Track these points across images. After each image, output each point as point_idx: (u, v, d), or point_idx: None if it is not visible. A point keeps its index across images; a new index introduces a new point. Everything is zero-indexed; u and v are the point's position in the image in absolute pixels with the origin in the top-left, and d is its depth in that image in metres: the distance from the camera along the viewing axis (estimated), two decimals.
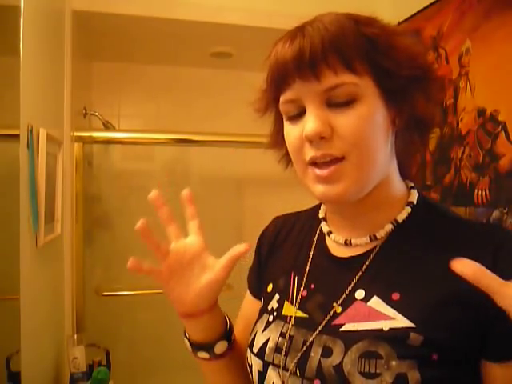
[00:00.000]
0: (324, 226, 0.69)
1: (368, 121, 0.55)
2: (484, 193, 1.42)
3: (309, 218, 0.74)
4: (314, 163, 0.57)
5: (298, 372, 0.58)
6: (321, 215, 0.71)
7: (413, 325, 0.53)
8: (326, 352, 0.57)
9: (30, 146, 1.09)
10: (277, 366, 0.60)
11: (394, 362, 0.51)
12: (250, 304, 0.78)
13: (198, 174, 2.36)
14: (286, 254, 0.72)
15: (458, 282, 0.43)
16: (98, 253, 2.14)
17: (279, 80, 0.58)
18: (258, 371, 0.62)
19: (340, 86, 0.55)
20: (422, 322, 0.53)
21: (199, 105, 2.31)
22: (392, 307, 0.55)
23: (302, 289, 0.65)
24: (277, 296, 0.68)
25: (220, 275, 0.64)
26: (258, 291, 0.77)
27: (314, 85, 0.55)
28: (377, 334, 0.54)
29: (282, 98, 0.60)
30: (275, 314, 0.66)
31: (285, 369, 0.59)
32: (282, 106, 0.60)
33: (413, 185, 0.66)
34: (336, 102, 0.55)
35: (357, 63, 0.55)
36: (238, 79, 2.40)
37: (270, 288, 0.71)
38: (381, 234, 0.61)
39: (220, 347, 0.69)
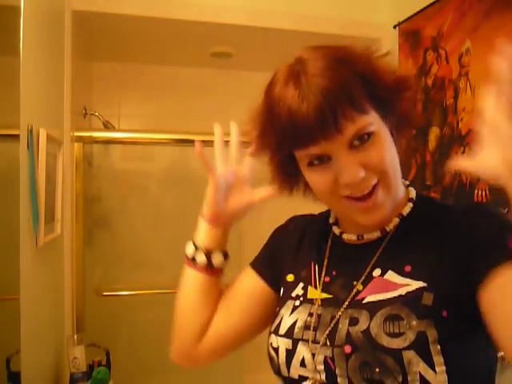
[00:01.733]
0: (336, 230, 0.75)
1: (386, 147, 0.63)
2: (484, 193, 1.42)
3: (323, 221, 0.79)
4: (350, 197, 0.63)
5: (328, 342, 0.63)
6: (331, 221, 0.77)
7: (424, 284, 0.61)
8: (353, 321, 0.63)
9: (29, 146, 1.09)
10: (306, 341, 0.66)
11: (414, 322, 0.58)
12: (249, 277, 0.82)
13: (198, 174, 2.35)
14: (306, 251, 0.78)
15: (453, 251, 0.61)
16: (97, 253, 2.13)
17: (299, 141, 0.62)
18: (287, 350, 0.67)
19: (360, 130, 0.60)
20: (431, 281, 0.61)
21: (199, 105, 2.32)
22: (406, 277, 0.63)
23: (324, 275, 0.71)
24: (301, 284, 0.73)
25: (255, 201, 0.78)
26: (265, 272, 0.80)
27: (339, 138, 0.60)
28: (397, 300, 0.61)
29: (302, 153, 0.63)
30: (301, 298, 0.71)
31: (315, 342, 0.65)
32: (302, 159, 0.65)
33: (408, 183, 0.74)
34: (362, 142, 0.61)
35: (364, 104, 0.60)
36: (238, 79, 2.40)
37: (291, 278, 0.76)
38: (390, 226, 0.68)
39: (217, 258, 0.78)
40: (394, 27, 1.82)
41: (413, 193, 0.72)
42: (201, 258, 0.77)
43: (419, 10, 1.71)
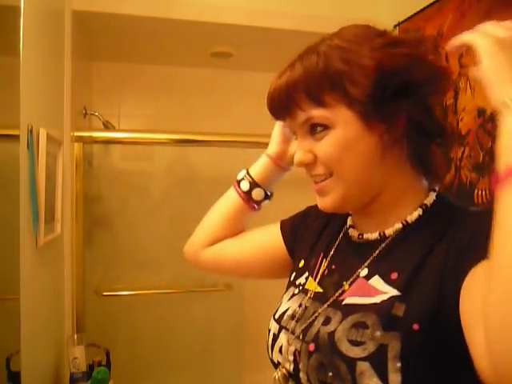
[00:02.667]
0: (349, 220, 0.76)
1: (343, 145, 0.62)
2: (484, 193, 1.42)
3: (344, 214, 0.78)
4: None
5: (301, 336, 0.65)
6: (350, 212, 0.78)
7: (398, 293, 0.58)
8: (326, 321, 0.63)
9: (30, 146, 1.09)
10: (288, 330, 0.68)
11: (378, 333, 0.56)
12: (274, 231, 0.87)
13: (198, 174, 2.36)
14: (321, 241, 0.79)
15: (439, 265, 0.56)
16: (97, 253, 2.14)
17: (273, 113, 0.70)
18: (274, 334, 0.71)
19: (310, 119, 0.63)
20: (408, 292, 0.58)
21: (199, 105, 2.32)
22: (390, 285, 0.60)
23: (325, 269, 0.72)
24: (306, 273, 0.75)
25: None
26: (288, 238, 0.85)
27: (292, 121, 0.66)
28: (370, 307, 0.59)
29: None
30: (300, 287, 0.74)
31: (293, 333, 0.67)
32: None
33: (436, 188, 0.68)
34: (314, 132, 0.64)
35: (325, 97, 0.61)
36: (238, 79, 2.40)
37: (301, 264, 0.78)
38: (389, 231, 0.66)
39: (258, 193, 0.86)
40: (394, 27, 1.82)
41: (430, 199, 0.66)
42: (245, 185, 0.86)
43: (419, 10, 1.71)
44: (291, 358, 0.65)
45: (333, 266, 0.71)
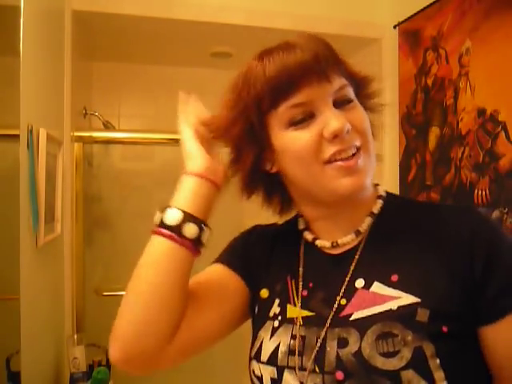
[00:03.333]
0: (308, 235, 0.70)
1: (365, 115, 0.64)
2: (484, 193, 1.42)
3: (291, 230, 0.74)
4: (333, 160, 0.60)
5: (316, 369, 0.58)
6: (301, 227, 0.72)
7: (418, 299, 0.56)
8: (342, 343, 0.57)
9: (30, 146, 1.09)
10: (293, 369, 0.60)
11: (409, 337, 0.54)
12: (218, 271, 0.72)
13: None
14: (278, 263, 0.72)
15: (444, 256, 0.57)
16: (98, 253, 2.13)
17: (285, 87, 0.60)
18: (272, 379, 0.61)
19: (344, 87, 0.62)
20: (425, 296, 0.56)
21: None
22: (394, 288, 0.58)
23: (301, 289, 0.66)
24: (277, 300, 0.68)
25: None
26: (236, 265, 0.72)
27: (327, 87, 0.60)
28: (387, 315, 0.56)
29: (285, 105, 0.60)
30: (280, 318, 0.65)
31: (302, 369, 0.59)
32: (285, 113, 0.61)
33: (376, 183, 0.70)
34: (341, 102, 0.62)
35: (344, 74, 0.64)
36: None
37: (265, 294, 0.70)
38: (363, 227, 0.65)
39: (190, 229, 0.61)
40: (394, 27, 1.82)
41: (381, 190, 0.69)
42: (191, 229, 0.61)
43: (419, 10, 1.71)
44: None
45: (310, 285, 0.66)
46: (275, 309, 0.67)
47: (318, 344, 0.59)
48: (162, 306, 0.60)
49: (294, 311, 0.65)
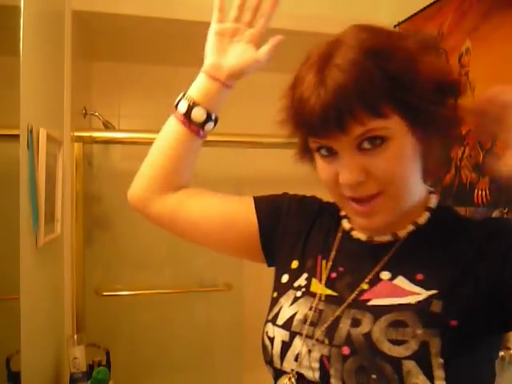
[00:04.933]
0: (345, 224, 0.72)
1: (400, 158, 0.58)
2: (484, 193, 1.42)
3: (334, 212, 0.76)
4: (351, 199, 0.61)
5: (326, 341, 0.61)
6: (342, 213, 0.74)
7: (435, 291, 0.58)
8: (355, 323, 0.60)
9: (30, 146, 1.09)
10: (304, 336, 0.63)
11: (419, 331, 0.56)
12: (247, 206, 0.79)
13: (198, 174, 2.35)
14: (313, 238, 0.75)
15: (471, 263, 0.58)
16: (98, 253, 2.14)
17: (305, 130, 0.61)
18: (283, 342, 0.65)
19: (369, 132, 0.56)
20: (443, 289, 0.58)
21: None
22: (416, 285, 0.60)
23: (330, 271, 0.69)
24: (305, 275, 0.71)
25: (259, 58, 0.76)
26: (264, 219, 0.78)
27: (343, 137, 0.57)
28: (405, 307, 0.58)
29: (310, 139, 0.62)
30: (304, 290, 0.69)
31: (313, 338, 0.62)
32: (311, 144, 0.63)
33: (433, 190, 0.70)
34: (369, 147, 0.57)
35: (383, 107, 0.56)
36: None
37: (295, 265, 0.73)
38: (402, 233, 0.66)
39: (198, 113, 0.76)
40: (394, 27, 1.82)
41: (433, 201, 0.67)
42: (182, 106, 0.76)
43: (419, 10, 1.71)
44: (316, 364, 0.61)
45: (340, 268, 0.68)
46: (301, 281, 0.70)
47: (334, 320, 0.62)
48: (161, 167, 0.79)
49: (318, 287, 0.68)
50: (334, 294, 0.66)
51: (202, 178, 2.35)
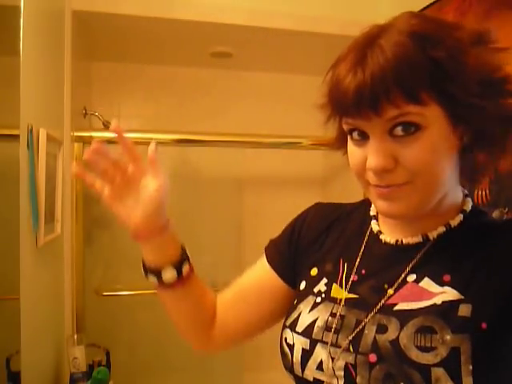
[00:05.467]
0: (374, 225, 0.70)
1: (433, 150, 0.55)
2: (484, 193, 1.42)
3: (359, 212, 0.75)
4: (377, 186, 0.59)
5: (350, 348, 0.59)
6: (372, 213, 0.72)
7: (461, 296, 0.56)
8: (381, 329, 0.58)
9: (30, 146, 1.09)
10: (326, 344, 0.62)
11: (448, 337, 0.54)
12: (262, 269, 0.79)
13: (198, 174, 2.36)
14: (332, 242, 0.73)
15: (499, 263, 0.56)
16: (98, 253, 2.14)
17: (339, 109, 0.59)
18: (303, 349, 0.63)
19: (403, 115, 0.54)
20: (470, 292, 0.56)
21: (199, 105, 2.32)
22: (443, 287, 0.58)
23: (352, 274, 0.67)
24: (324, 280, 0.69)
25: (155, 186, 0.68)
26: (280, 266, 0.77)
27: (375, 119, 0.55)
28: (431, 310, 0.57)
29: (343, 120, 0.60)
30: (323, 295, 0.67)
31: (336, 346, 0.61)
32: (344, 125, 0.61)
33: (467, 193, 0.68)
34: (402, 133, 0.55)
35: (422, 93, 0.53)
36: (238, 79, 2.40)
37: (314, 272, 0.72)
38: (433, 234, 0.63)
39: (168, 275, 0.72)
40: None
41: (468, 205, 0.66)
42: (151, 279, 0.74)
43: (419, 10, 1.71)
44: (340, 373, 0.59)
45: (362, 271, 0.66)
46: (321, 286, 0.69)
47: (359, 327, 0.60)
48: (185, 327, 0.81)
49: (339, 292, 0.66)
50: (355, 296, 0.64)
51: (202, 177, 2.36)
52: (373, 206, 0.73)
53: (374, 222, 0.70)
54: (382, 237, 0.68)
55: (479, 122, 0.57)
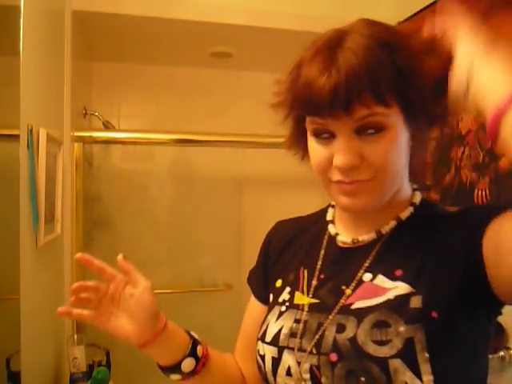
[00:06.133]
0: (331, 229, 0.73)
1: (394, 147, 0.60)
2: (484, 193, 1.42)
3: (316, 221, 0.77)
4: (337, 182, 0.62)
5: (314, 351, 0.62)
6: (328, 218, 0.75)
7: (412, 289, 0.59)
8: (340, 328, 0.61)
9: (30, 146, 1.09)
10: (292, 349, 0.64)
11: (402, 328, 0.56)
12: (254, 306, 0.81)
13: (198, 174, 2.36)
14: (293, 253, 0.76)
15: (447, 250, 0.59)
16: (98, 253, 2.13)
17: (309, 109, 0.61)
18: (273, 358, 0.65)
19: (371, 115, 0.57)
20: (420, 284, 0.59)
21: (199, 105, 2.32)
22: (396, 281, 0.61)
23: (312, 279, 0.69)
24: (288, 289, 0.71)
25: (139, 291, 0.71)
26: (263, 294, 0.79)
27: (346, 119, 0.58)
28: (385, 305, 0.59)
29: (309, 119, 0.62)
30: (287, 304, 0.69)
31: (301, 350, 0.63)
32: (309, 125, 0.63)
33: (416, 186, 0.71)
34: (365, 131, 0.59)
35: (387, 96, 0.57)
36: (238, 79, 2.40)
37: (279, 283, 0.74)
38: (385, 229, 0.66)
39: (187, 365, 0.73)
40: None
41: (417, 198, 0.69)
42: (174, 377, 0.75)
43: (419, 10, 1.71)
44: (306, 375, 0.61)
45: (322, 276, 0.69)
46: (285, 296, 0.71)
47: (319, 328, 0.63)
48: None
49: (302, 298, 0.68)
50: (317, 301, 0.67)
51: (202, 177, 2.36)
52: (329, 211, 0.76)
53: (330, 225, 0.73)
54: (338, 238, 0.70)
55: (430, 124, 0.64)
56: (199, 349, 0.75)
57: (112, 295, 0.71)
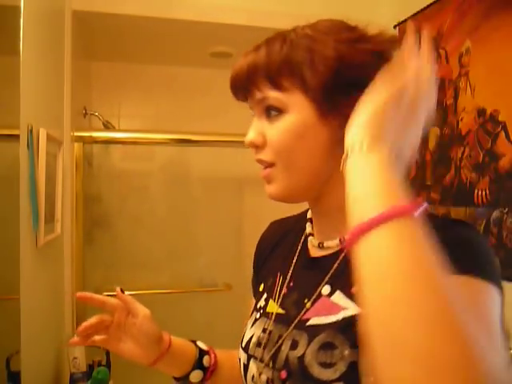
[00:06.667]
0: (308, 227, 0.71)
1: (292, 133, 0.59)
2: (484, 193, 1.42)
3: (300, 220, 0.75)
4: (257, 161, 0.65)
5: (270, 364, 0.62)
6: (308, 215, 0.73)
7: (358, 308, 0.56)
8: (294, 345, 0.61)
9: (30, 146, 1.09)
10: (256, 359, 0.65)
11: (346, 352, 0.55)
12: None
13: (198, 174, 2.36)
14: (277, 256, 0.75)
15: None
16: (98, 253, 2.14)
17: (233, 89, 0.67)
18: (244, 364, 0.68)
19: (265, 100, 0.61)
20: None
21: (199, 105, 2.32)
22: (351, 300, 0.59)
23: (284, 287, 0.69)
24: (265, 295, 0.72)
25: (138, 321, 0.75)
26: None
27: (249, 100, 0.64)
28: (334, 326, 0.58)
29: None
30: (261, 311, 0.70)
31: (261, 361, 0.64)
32: None
33: None
34: (270, 113, 0.61)
35: (282, 80, 0.59)
36: None
37: (261, 288, 0.74)
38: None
39: (195, 376, 0.78)
40: (394, 27, 1.82)
41: None
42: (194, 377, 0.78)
43: (419, 10, 1.71)
44: None
45: (291, 284, 0.68)
46: (261, 302, 0.71)
47: (279, 341, 0.63)
48: None
49: (273, 306, 0.68)
50: (282, 312, 0.66)
51: (201, 177, 2.36)
52: (310, 210, 0.73)
53: (308, 224, 0.72)
54: (310, 239, 0.69)
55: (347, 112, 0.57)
56: (206, 359, 0.79)
57: (117, 323, 0.76)
